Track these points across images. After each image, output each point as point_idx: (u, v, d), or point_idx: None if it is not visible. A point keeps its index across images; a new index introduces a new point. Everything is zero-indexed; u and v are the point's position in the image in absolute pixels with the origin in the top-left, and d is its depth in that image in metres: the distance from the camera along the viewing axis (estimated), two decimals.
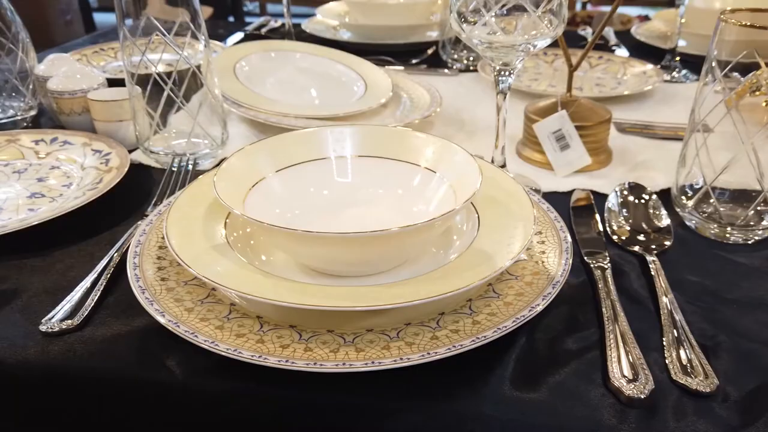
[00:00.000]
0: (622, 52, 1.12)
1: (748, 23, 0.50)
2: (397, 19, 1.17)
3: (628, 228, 0.54)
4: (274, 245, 0.47)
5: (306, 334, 0.40)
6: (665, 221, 0.54)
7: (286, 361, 0.37)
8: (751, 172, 0.52)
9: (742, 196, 0.54)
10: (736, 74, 0.52)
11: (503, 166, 0.63)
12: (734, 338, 0.43)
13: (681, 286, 0.48)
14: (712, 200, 0.53)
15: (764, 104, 0.73)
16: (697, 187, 0.54)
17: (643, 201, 0.56)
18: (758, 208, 0.52)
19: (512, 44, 0.55)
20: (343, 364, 0.37)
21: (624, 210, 0.55)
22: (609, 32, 1.25)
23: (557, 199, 0.61)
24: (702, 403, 0.38)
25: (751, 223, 0.53)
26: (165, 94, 0.67)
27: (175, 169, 0.66)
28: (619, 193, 0.57)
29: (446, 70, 1.04)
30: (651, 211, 0.55)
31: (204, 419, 0.41)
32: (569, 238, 0.50)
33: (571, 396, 0.38)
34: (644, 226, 0.54)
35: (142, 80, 0.68)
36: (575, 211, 0.58)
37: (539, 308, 0.41)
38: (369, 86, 0.87)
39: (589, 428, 0.37)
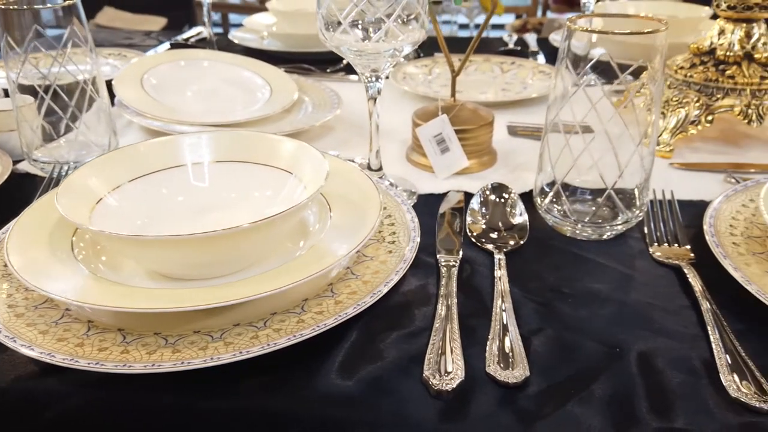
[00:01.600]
0: (541, 58, 1.14)
1: (590, 28, 0.52)
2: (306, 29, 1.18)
3: (484, 227, 0.55)
4: (121, 254, 0.47)
5: (172, 338, 0.41)
6: (520, 219, 0.56)
7: (153, 364, 0.38)
8: (605, 171, 0.54)
9: (598, 194, 0.56)
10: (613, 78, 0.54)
11: (379, 169, 0.64)
12: (561, 331, 0.44)
13: (525, 281, 0.50)
14: (563, 198, 0.54)
15: (642, 105, 0.76)
16: (551, 186, 0.55)
17: (503, 200, 0.58)
18: (608, 206, 0.54)
19: (378, 51, 0.57)
20: (209, 359, 0.38)
21: (484, 209, 0.57)
22: (531, 39, 1.28)
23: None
24: (507, 393, 0.39)
25: (599, 221, 0.55)
26: (45, 104, 0.67)
27: (55, 177, 0.66)
28: (481, 194, 0.58)
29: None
30: (509, 210, 0.57)
31: None
32: (417, 238, 0.51)
33: (389, 391, 0.39)
34: (500, 224, 0.56)
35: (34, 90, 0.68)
36: (444, 212, 0.60)
37: (364, 306, 0.42)
38: (274, 92, 0.88)
39: (400, 422, 0.38)
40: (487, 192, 0.58)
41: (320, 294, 0.45)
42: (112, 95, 0.83)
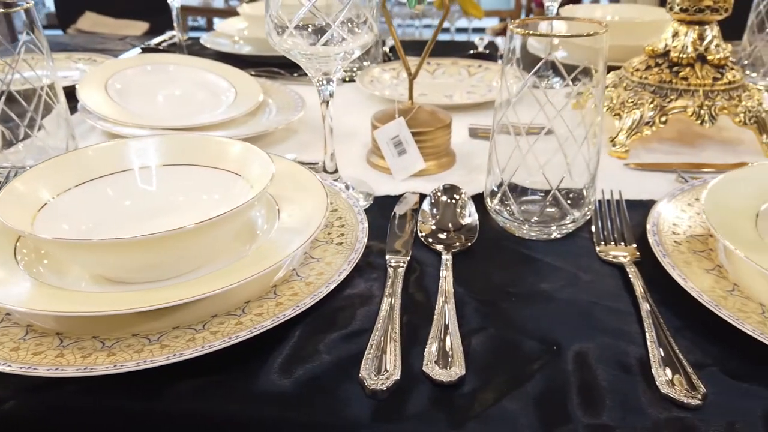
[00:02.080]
0: None
1: (530, 32, 0.53)
2: None
3: (433, 227, 0.56)
4: (64, 259, 0.47)
5: (109, 342, 0.41)
6: (469, 220, 0.56)
7: (85, 368, 0.38)
8: (554, 172, 0.55)
9: (547, 195, 0.56)
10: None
11: (335, 171, 0.65)
12: (502, 330, 0.45)
13: (472, 281, 0.50)
14: (510, 199, 0.55)
15: (594, 107, 0.77)
16: (500, 187, 0.56)
17: (453, 201, 0.58)
18: (556, 206, 0.55)
19: (328, 54, 0.57)
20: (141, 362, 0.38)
21: (434, 210, 0.58)
22: (502, 42, 1.29)
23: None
24: (442, 392, 0.39)
25: (547, 221, 0.55)
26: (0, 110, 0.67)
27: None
28: (432, 195, 0.59)
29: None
30: (459, 210, 0.58)
31: None
32: (365, 240, 0.51)
33: (326, 391, 0.40)
34: (450, 225, 0.56)
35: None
36: (397, 213, 0.60)
37: (303, 307, 0.43)
38: (239, 95, 0.89)
39: (335, 421, 0.38)
40: (438, 193, 0.59)
41: (263, 296, 0.45)
42: (77, 100, 0.83)
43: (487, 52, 1.22)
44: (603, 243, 0.55)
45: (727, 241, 0.44)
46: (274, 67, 1.13)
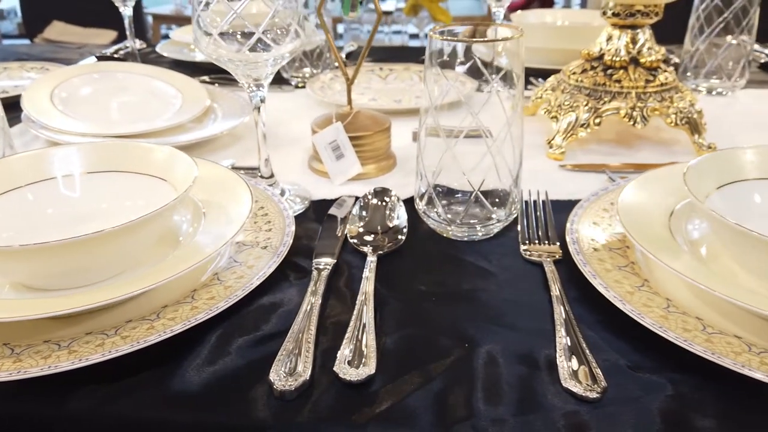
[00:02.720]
0: (461, 67, 1.17)
1: (447, 36, 0.53)
2: None
3: (361, 230, 0.56)
4: None
5: (19, 348, 0.41)
6: (397, 222, 0.57)
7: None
8: (481, 173, 0.56)
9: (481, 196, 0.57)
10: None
11: (271, 176, 0.65)
12: (418, 329, 0.46)
13: (396, 282, 0.51)
14: (435, 200, 0.56)
15: (544, 112, 0.78)
16: (426, 189, 0.57)
17: (383, 204, 0.59)
18: (481, 207, 0.56)
19: (257, 60, 0.58)
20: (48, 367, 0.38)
21: (363, 213, 0.58)
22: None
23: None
24: (351, 391, 0.40)
25: (472, 221, 0.56)
26: None
27: None
28: (363, 198, 0.60)
29: (285, 86, 1.07)
30: (388, 213, 0.58)
31: None
32: (290, 242, 0.52)
33: (238, 393, 0.40)
34: (378, 227, 0.57)
35: None
36: (331, 217, 0.61)
37: (216, 311, 0.43)
38: (185, 101, 0.89)
39: (244, 423, 0.38)
40: (369, 196, 0.60)
41: (181, 301, 0.45)
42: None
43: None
44: (528, 242, 0.56)
45: (634, 238, 0.45)
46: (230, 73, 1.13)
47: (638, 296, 0.44)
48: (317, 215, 0.63)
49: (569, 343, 0.42)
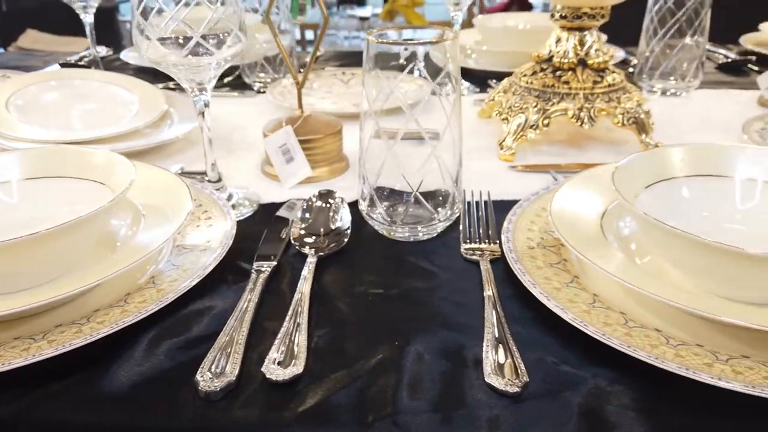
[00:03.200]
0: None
1: (382, 40, 0.54)
2: None
3: (303, 231, 0.57)
4: None
5: None
6: (340, 224, 0.57)
7: None
8: (426, 174, 0.56)
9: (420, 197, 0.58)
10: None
11: (218, 180, 0.65)
12: (351, 329, 0.46)
13: (334, 283, 0.51)
14: (376, 202, 0.56)
15: (497, 114, 0.79)
16: (368, 191, 0.57)
17: (327, 206, 0.59)
18: (422, 207, 0.56)
19: (200, 64, 0.58)
20: None
21: (307, 215, 0.58)
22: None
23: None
24: (277, 391, 0.40)
25: (415, 222, 0.57)
26: None
27: None
28: (307, 201, 0.60)
29: (247, 92, 1.08)
30: (332, 215, 0.59)
31: None
32: (229, 244, 0.52)
33: (166, 394, 0.40)
34: (321, 229, 0.57)
35: None
36: (278, 219, 0.61)
37: (144, 314, 0.43)
38: (142, 107, 0.89)
39: (170, 424, 0.39)
40: (313, 199, 0.60)
41: (113, 304, 0.45)
42: None
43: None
44: (469, 241, 0.56)
45: (562, 235, 0.46)
46: None
47: (565, 292, 0.45)
48: (266, 218, 0.63)
49: (495, 340, 0.43)
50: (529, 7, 4.01)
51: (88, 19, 1.09)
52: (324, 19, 0.68)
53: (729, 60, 1.18)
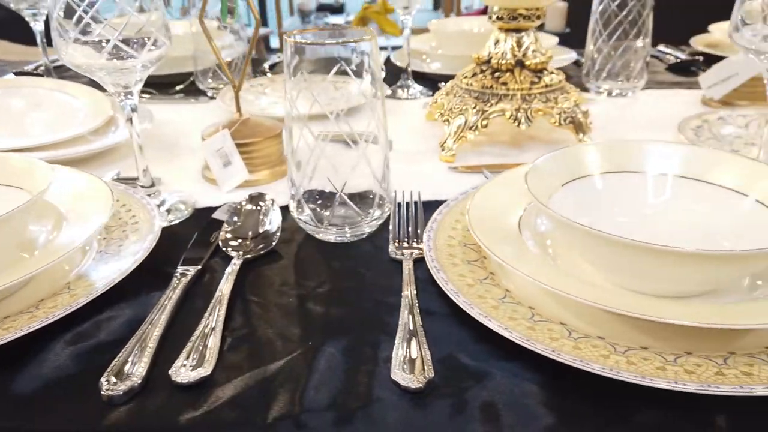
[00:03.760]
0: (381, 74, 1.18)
1: (299, 42, 0.54)
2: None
3: (229, 235, 0.56)
4: None
5: None
6: (269, 227, 0.58)
7: None
8: (355, 176, 0.57)
9: (351, 198, 0.58)
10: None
11: (151, 185, 0.65)
12: (267, 330, 0.46)
13: (257, 285, 0.51)
14: (303, 204, 0.56)
15: (438, 116, 0.79)
16: (297, 193, 0.57)
17: (257, 209, 0.59)
18: (350, 209, 0.57)
19: (125, 67, 0.58)
20: None
21: (235, 218, 0.58)
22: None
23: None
24: (183, 393, 0.40)
25: (343, 223, 0.57)
26: None
27: None
28: (237, 204, 0.60)
29: (201, 98, 1.08)
30: (261, 218, 0.59)
31: None
32: (151, 248, 0.52)
33: (70, 399, 0.40)
34: (249, 232, 0.57)
35: None
36: (213, 222, 0.61)
37: (51, 320, 0.43)
38: (87, 113, 0.88)
39: (75, 428, 0.38)
40: (243, 202, 0.60)
41: (24, 310, 0.45)
42: None
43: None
44: (398, 242, 0.56)
45: (474, 232, 0.46)
46: (148, 86, 1.14)
47: (477, 288, 0.45)
48: (201, 223, 0.63)
49: (406, 337, 0.43)
50: None
51: (38, 26, 1.08)
52: (256, 23, 0.68)
53: (679, 60, 1.20)
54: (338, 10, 5.70)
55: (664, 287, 0.42)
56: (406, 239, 0.57)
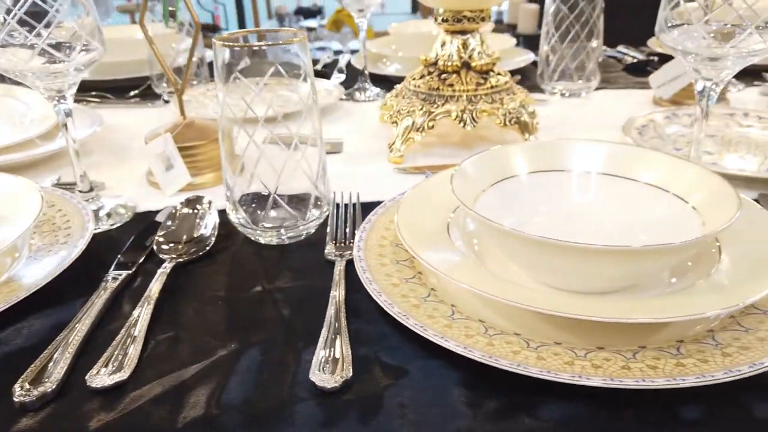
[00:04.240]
0: (340, 77, 1.19)
1: (226, 44, 0.54)
2: (121, 56, 1.19)
3: (162, 239, 0.56)
4: None
5: None
6: (204, 230, 0.57)
7: None
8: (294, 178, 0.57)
9: (290, 201, 0.58)
10: None
11: (90, 190, 0.64)
12: (191, 334, 0.46)
13: (189, 288, 0.51)
14: (237, 206, 0.56)
15: (387, 118, 0.80)
16: (229, 195, 0.57)
17: (194, 212, 0.59)
18: (286, 211, 0.56)
19: (59, 71, 0.57)
20: None
21: (170, 222, 0.58)
22: (344, 60, 1.32)
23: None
24: (99, 399, 0.39)
25: (279, 225, 0.57)
26: None
27: None
28: (173, 208, 0.60)
29: (156, 102, 1.07)
30: (198, 221, 0.58)
31: None
32: (78, 253, 0.51)
33: None
34: (184, 236, 0.57)
35: None
36: (153, 226, 0.60)
37: None
38: (34, 119, 0.87)
39: None
40: (179, 206, 0.60)
41: None
42: None
43: (323, 69, 1.25)
44: (334, 243, 0.56)
45: (401, 234, 0.47)
46: (105, 91, 1.13)
47: (402, 287, 0.46)
48: (141, 226, 0.62)
49: (328, 338, 0.43)
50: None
51: None
52: (196, 26, 0.68)
53: (635, 61, 1.22)
54: (317, 13, 5.71)
55: (581, 283, 0.43)
56: (343, 240, 0.57)
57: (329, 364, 0.41)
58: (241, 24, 5.20)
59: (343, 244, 0.56)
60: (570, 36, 1.00)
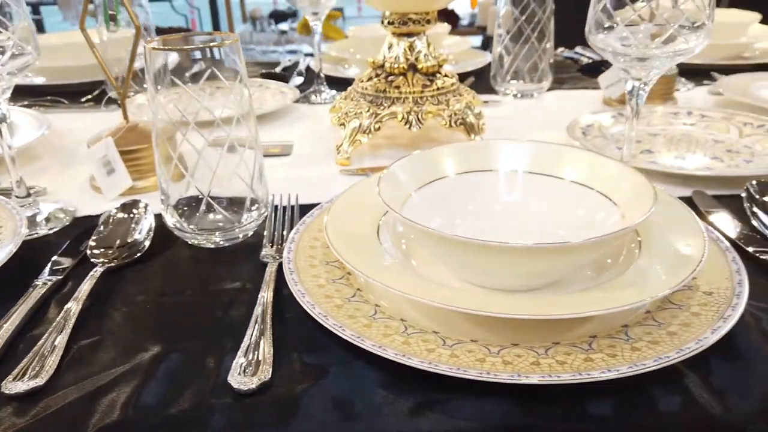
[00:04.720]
0: (299, 79, 1.19)
1: (156, 48, 0.54)
2: (80, 60, 1.18)
3: (94, 243, 0.56)
4: None
5: None
6: (137, 235, 0.57)
7: None
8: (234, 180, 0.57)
9: (229, 204, 0.58)
10: None
11: (27, 195, 0.63)
12: (116, 338, 0.45)
13: (118, 292, 0.51)
14: (169, 209, 0.56)
15: (336, 120, 0.80)
16: (164, 198, 0.57)
17: (130, 217, 0.59)
18: (221, 214, 0.56)
19: None
20: None
21: (102, 227, 0.58)
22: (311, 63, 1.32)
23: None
24: (14, 405, 0.39)
25: (212, 229, 0.57)
26: None
27: None
28: (108, 212, 0.59)
29: (110, 106, 1.06)
30: (133, 226, 0.58)
31: None
32: (8, 257, 0.51)
33: None
34: (117, 241, 0.56)
35: None
36: (90, 230, 0.60)
37: None
38: None
39: None
40: (114, 210, 0.59)
41: None
42: None
43: (281, 72, 1.25)
44: (270, 245, 0.56)
45: (328, 235, 0.47)
46: (62, 96, 1.12)
47: (327, 288, 0.46)
48: (79, 231, 0.62)
49: (253, 340, 0.43)
50: (455, 20, 4.10)
51: None
52: (136, 29, 0.67)
53: (591, 61, 1.24)
54: (291, 16, 5.69)
55: (503, 282, 0.43)
56: (279, 243, 0.57)
57: (251, 366, 0.41)
58: (215, 27, 5.17)
59: (279, 247, 0.56)
60: (522, 37, 1.01)
